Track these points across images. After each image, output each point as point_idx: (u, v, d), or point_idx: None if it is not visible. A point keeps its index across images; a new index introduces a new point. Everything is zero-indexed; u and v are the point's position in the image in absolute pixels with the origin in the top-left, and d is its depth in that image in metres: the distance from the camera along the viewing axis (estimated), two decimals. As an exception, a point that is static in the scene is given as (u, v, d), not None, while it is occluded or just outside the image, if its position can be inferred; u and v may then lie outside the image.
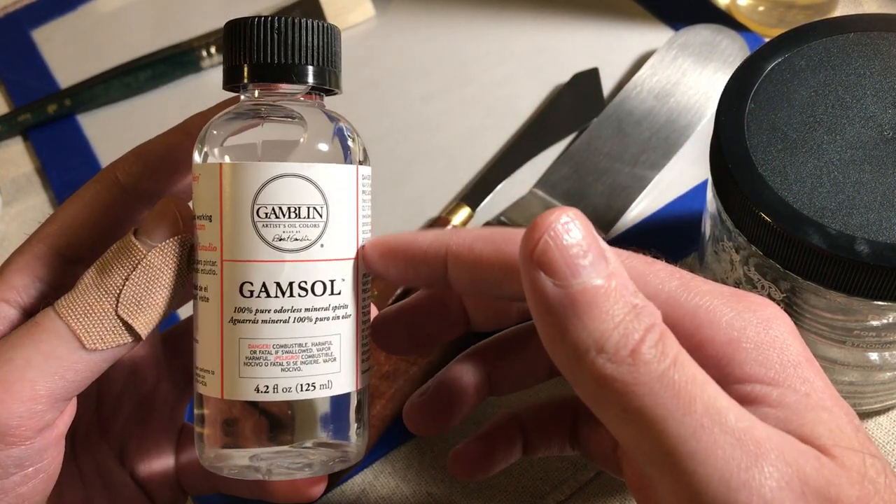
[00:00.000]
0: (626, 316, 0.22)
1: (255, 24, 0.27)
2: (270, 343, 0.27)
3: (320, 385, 0.27)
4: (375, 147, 0.58)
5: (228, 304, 0.27)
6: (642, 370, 0.21)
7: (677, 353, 0.22)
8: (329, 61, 0.28)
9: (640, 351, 0.21)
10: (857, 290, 0.31)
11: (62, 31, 0.67)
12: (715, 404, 0.21)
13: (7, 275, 0.29)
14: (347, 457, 0.29)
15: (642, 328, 0.22)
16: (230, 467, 0.28)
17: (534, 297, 0.23)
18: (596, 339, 0.22)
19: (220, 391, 0.27)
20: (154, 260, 0.27)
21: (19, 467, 0.26)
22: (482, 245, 0.26)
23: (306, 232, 0.27)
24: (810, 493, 0.21)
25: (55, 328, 0.26)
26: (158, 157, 0.30)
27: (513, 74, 0.59)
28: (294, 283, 0.27)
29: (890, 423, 0.41)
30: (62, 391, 0.26)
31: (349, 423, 0.29)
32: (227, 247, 0.27)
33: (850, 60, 0.36)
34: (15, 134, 0.61)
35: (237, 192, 0.26)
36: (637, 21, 0.61)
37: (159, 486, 0.34)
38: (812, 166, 0.33)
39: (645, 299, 0.23)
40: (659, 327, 0.22)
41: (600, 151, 0.52)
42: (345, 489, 0.41)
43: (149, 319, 0.27)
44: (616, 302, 0.22)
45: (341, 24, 0.64)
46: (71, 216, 0.30)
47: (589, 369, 0.22)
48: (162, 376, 0.34)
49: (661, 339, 0.22)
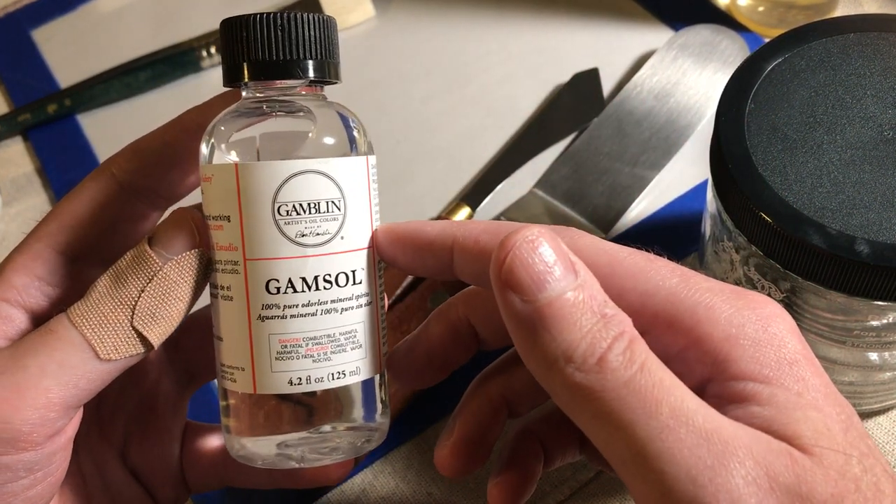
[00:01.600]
0: (594, 326, 0.23)
1: (253, 22, 0.27)
2: (301, 337, 0.27)
3: (350, 372, 0.28)
4: (375, 147, 0.58)
5: (255, 301, 0.27)
6: (609, 377, 0.22)
7: (645, 358, 0.22)
8: (329, 53, 0.28)
9: (608, 359, 0.22)
10: (857, 290, 0.31)
11: (62, 31, 0.67)
12: (682, 406, 0.22)
13: (6, 274, 0.29)
14: (373, 438, 0.30)
15: (610, 337, 0.23)
16: (263, 457, 0.29)
17: (505, 314, 0.24)
18: (564, 350, 0.23)
19: (251, 386, 0.28)
20: (170, 273, 0.27)
21: (29, 471, 0.27)
22: (488, 238, 0.27)
23: (327, 226, 0.27)
24: (779, 489, 0.21)
25: (70, 337, 0.27)
26: (154, 153, 0.30)
27: (513, 74, 0.59)
28: (319, 277, 0.27)
29: (890, 423, 0.41)
30: (74, 399, 0.27)
31: (376, 405, 0.30)
32: (249, 246, 0.27)
33: (850, 61, 0.36)
34: (15, 134, 0.61)
35: (256, 192, 0.27)
36: (637, 21, 0.61)
37: (161, 483, 0.34)
38: (812, 166, 0.33)
39: (615, 308, 0.24)
40: (628, 335, 0.23)
41: (600, 151, 0.52)
42: (345, 489, 0.41)
43: (163, 331, 0.28)
44: (584, 313, 0.23)
45: (341, 24, 0.63)
46: (68, 213, 0.30)
47: (560, 378, 0.23)
48: (163, 374, 0.34)
49: (630, 347, 0.23)
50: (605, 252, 0.26)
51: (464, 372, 0.33)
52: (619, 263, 0.25)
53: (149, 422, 0.34)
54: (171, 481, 0.34)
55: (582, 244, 0.26)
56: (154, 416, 0.34)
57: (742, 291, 0.25)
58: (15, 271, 0.29)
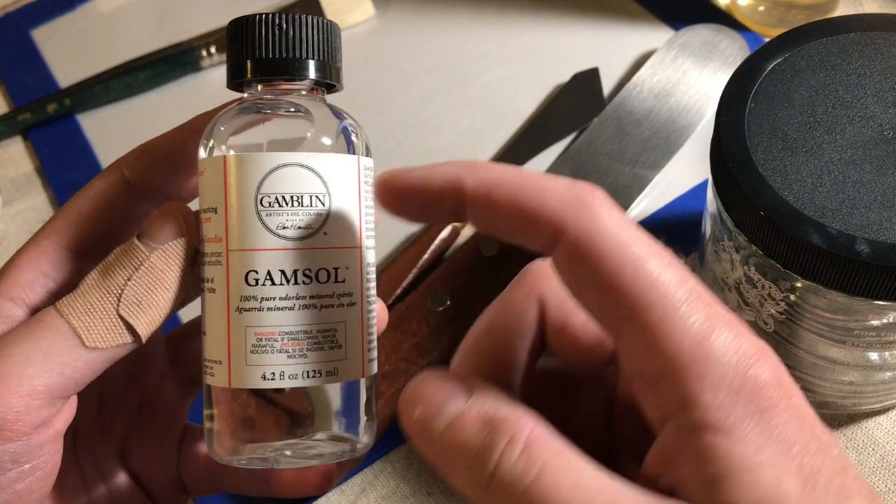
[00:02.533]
0: (480, 452, 0.22)
1: (259, 22, 0.28)
2: (276, 330, 0.27)
3: (326, 372, 0.27)
4: (376, 147, 0.58)
5: (234, 293, 0.27)
6: (505, 497, 0.21)
7: (544, 460, 0.21)
8: (331, 56, 0.28)
9: (498, 478, 0.21)
10: (857, 289, 0.31)
11: (62, 30, 0.67)
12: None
13: (11, 272, 0.29)
14: (355, 447, 0.29)
15: (497, 455, 0.21)
16: (238, 460, 0.28)
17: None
18: (460, 488, 0.22)
19: (227, 380, 0.27)
20: (156, 261, 0.27)
21: (16, 463, 0.26)
22: (501, 192, 0.24)
23: (309, 220, 0.27)
24: None
25: (56, 325, 0.27)
26: (164, 154, 0.30)
27: (513, 74, 0.59)
28: (298, 271, 0.27)
29: (890, 423, 0.41)
30: (60, 388, 0.26)
31: (358, 412, 0.29)
32: (232, 237, 0.27)
33: (850, 60, 0.36)
34: (15, 134, 0.61)
35: (241, 183, 0.27)
36: (637, 21, 0.61)
37: (161, 486, 0.34)
38: (812, 166, 0.33)
39: (506, 412, 0.22)
40: (519, 441, 0.22)
41: (600, 151, 0.52)
42: (345, 489, 0.41)
43: (150, 320, 0.27)
44: (465, 445, 0.22)
45: (341, 23, 0.63)
46: (76, 212, 0.30)
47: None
48: (164, 377, 0.34)
49: (524, 453, 0.21)
50: (621, 244, 0.22)
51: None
52: (631, 263, 0.22)
53: (149, 424, 0.34)
54: (170, 484, 0.34)
55: (601, 226, 0.22)
56: (155, 418, 0.34)
57: (736, 325, 0.23)
58: (20, 268, 0.29)
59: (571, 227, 0.22)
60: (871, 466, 0.40)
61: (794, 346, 0.37)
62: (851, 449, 0.40)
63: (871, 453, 0.40)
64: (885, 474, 0.39)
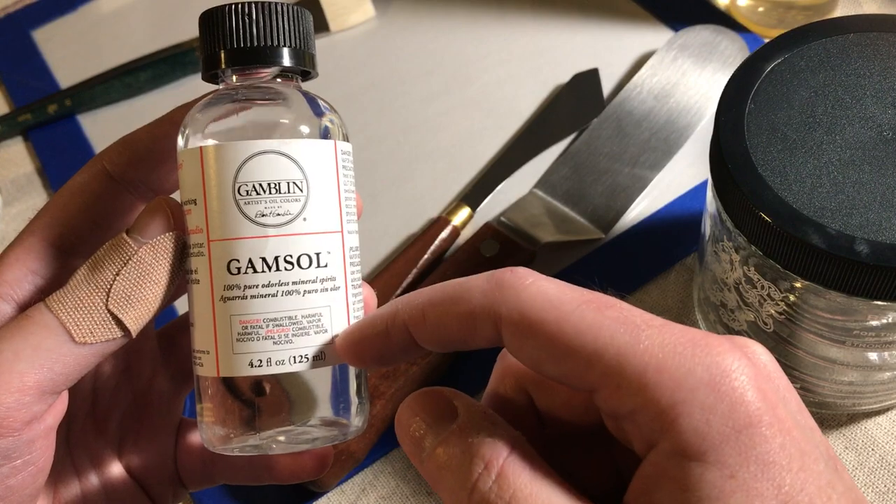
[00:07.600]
0: (459, 475, 0.23)
1: (228, 12, 0.28)
2: (261, 318, 0.27)
3: (313, 356, 0.28)
4: (376, 147, 0.59)
5: (218, 282, 0.27)
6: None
7: (517, 487, 0.22)
8: (303, 43, 0.29)
9: (475, 501, 0.23)
10: (857, 290, 0.31)
11: (62, 31, 0.67)
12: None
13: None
14: (348, 430, 0.29)
15: (473, 480, 0.23)
16: (232, 448, 0.29)
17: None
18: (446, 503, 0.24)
19: (215, 369, 0.28)
20: (145, 256, 0.27)
21: (7, 458, 0.27)
22: (433, 311, 0.25)
23: (288, 206, 0.27)
24: None
25: (45, 321, 0.27)
26: (144, 146, 0.30)
27: (513, 75, 0.59)
28: (280, 258, 0.27)
29: (890, 423, 0.41)
30: (50, 384, 0.27)
31: (349, 396, 0.29)
32: (212, 227, 0.27)
33: (849, 61, 0.36)
34: (15, 134, 0.61)
35: (218, 173, 0.27)
36: (637, 21, 0.61)
37: (156, 481, 0.34)
38: (812, 166, 0.33)
39: (484, 438, 0.23)
40: (494, 468, 0.23)
41: (600, 152, 0.52)
42: (345, 489, 0.41)
43: (139, 315, 0.28)
44: (448, 467, 0.23)
45: (342, 24, 0.64)
46: (61, 207, 0.30)
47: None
48: (158, 372, 0.34)
49: (497, 480, 0.23)
50: (552, 307, 0.23)
51: (465, 373, 0.33)
52: (566, 319, 0.23)
53: (144, 419, 0.34)
54: (166, 479, 0.34)
55: (527, 298, 0.23)
56: (149, 413, 0.34)
57: (702, 341, 0.22)
58: (8, 266, 0.29)
59: (503, 312, 0.23)
60: (871, 467, 0.40)
61: (793, 346, 0.37)
62: (851, 449, 0.40)
63: (871, 454, 0.40)
64: (885, 474, 0.39)
